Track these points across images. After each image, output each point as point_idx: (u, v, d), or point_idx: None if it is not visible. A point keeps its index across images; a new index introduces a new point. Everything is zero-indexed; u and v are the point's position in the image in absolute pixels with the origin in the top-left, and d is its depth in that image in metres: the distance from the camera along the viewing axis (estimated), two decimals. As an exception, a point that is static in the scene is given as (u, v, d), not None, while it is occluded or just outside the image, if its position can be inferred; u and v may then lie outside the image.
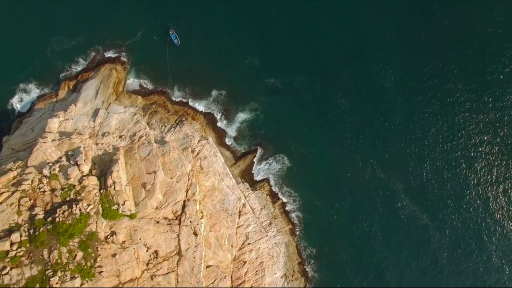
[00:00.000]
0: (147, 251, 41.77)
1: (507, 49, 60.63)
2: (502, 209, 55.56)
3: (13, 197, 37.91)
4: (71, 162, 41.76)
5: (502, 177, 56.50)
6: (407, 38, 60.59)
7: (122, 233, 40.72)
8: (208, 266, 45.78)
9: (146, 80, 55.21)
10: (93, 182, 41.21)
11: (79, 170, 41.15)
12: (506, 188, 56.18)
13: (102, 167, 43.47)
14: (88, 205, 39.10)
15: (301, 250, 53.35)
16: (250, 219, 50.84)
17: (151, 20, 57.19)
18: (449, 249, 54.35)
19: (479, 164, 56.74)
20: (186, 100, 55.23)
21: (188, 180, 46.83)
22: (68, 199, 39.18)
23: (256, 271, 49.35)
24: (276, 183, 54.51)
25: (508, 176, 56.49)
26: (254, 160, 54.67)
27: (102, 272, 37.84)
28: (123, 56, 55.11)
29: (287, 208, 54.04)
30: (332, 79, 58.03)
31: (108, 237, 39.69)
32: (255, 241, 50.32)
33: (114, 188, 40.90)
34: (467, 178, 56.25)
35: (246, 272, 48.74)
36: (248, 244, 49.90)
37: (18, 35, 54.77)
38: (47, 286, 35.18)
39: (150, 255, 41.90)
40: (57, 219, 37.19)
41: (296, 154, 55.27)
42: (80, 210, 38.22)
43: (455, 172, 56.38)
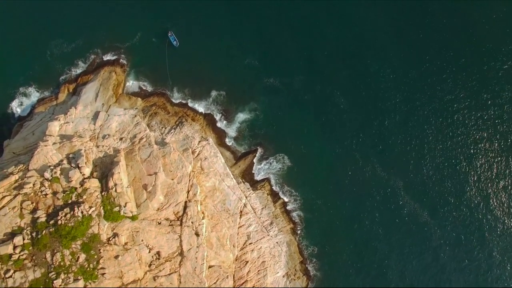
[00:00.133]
0: (149, 252, 41.90)
1: (505, 46, 60.86)
2: (503, 206, 55.71)
3: (15, 201, 38.05)
4: (72, 165, 41.89)
5: (502, 173, 56.70)
6: (406, 37, 60.75)
7: (124, 235, 40.85)
8: (210, 266, 45.94)
9: (146, 82, 55.30)
10: (95, 185, 41.34)
11: (81, 173, 41.29)
12: (507, 184, 56.34)
13: (103, 170, 43.61)
14: (90, 208, 39.23)
15: (303, 249, 53.44)
16: (251, 219, 50.98)
17: (150, 22, 57.27)
18: (451, 246, 54.49)
19: (479, 161, 56.92)
20: (186, 101, 55.34)
21: (189, 181, 46.96)
22: (70, 202, 39.30)
23: (258, 271, 49.50)
24: (277, 183, 54.62)
25: (508, 173, 56.65)
26: (255, 160, 54.80)
27: (105, 274, 37.95)
28: (122, 59, 55.19)
29: (288, 208, 54.15)
30: (331, 79, 58.12)
31: (110, 239, 39.82)
32: (257, 241, 50.47)
33: (116, 190, 41.02)
34: (467, 175, 56.42)
35: (248, 272, 48.90)
36: (250, 244, 50.05)
37: (17, 39, 54.82)
38: (51, 289, 35.37)
39: (153, 256, 42.03)
40: (59, 222, 37.33)
41: (296, 154, 55.35)
42: (82, 213, 38.37)
43: (455, 169, 56.55)
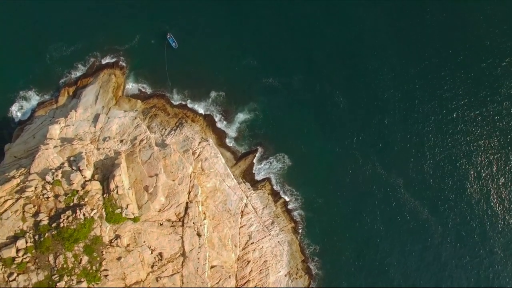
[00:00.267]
0: (152, 254, 42.10)
1: (502, 44, 60.90)
2: (503, 202, 55.79)
3: (17, 204, 38.26)
4: (74, 168, 42.07)
5: (502, 170, 56.79)
6: (404, 36, 60.74)
7: (126, 236, 41.04)
8: (213, 267, 46.10)
9: (145, 84, 55.35)
10: (96, 187, 41.51)
11: (82, 175, 41.45)
12: (507, 181, 56.41)
13: (104, 172, 43.78)
14: (92, 210, 39.42)
15: (304, 248, 53.60)
16: (253, 219, 51.13)
17: (148, 25, 57.25)
18: (452, 243, 54.63)
19: (479, 158, 56.99)
20: (185, 103, 55.40)
21: (190, 182, 47.11)
22: (72, 204, 39.48)
23: (260, 270, 49.65)
24: (278, 182, 54.74)
25: (509, 169, 56.76)
26: (255, 160, 54.92)
27: (108, 276, 38.20)
28: (122, 61, 55.22)
29: (289, 207, 54.28)
30: (331, 78, 58.16)
31: (113, 241, 39.99)
32: (258, 240, 50.63)
33: (117, 192, 41.21)
34: (468, 172, 56.50)
35: (250, 271, 49.06)
36: (252, 244, 50.21)
37: (17, 43, 54.83)
38: (54, 291, 35.57)
39: (155, 257, 42.20)
40: (62, 225, 37.54)
41: (297, 153, 55.45)
42: (84, 215, 38.54)
43: (455, 166, 56.61)
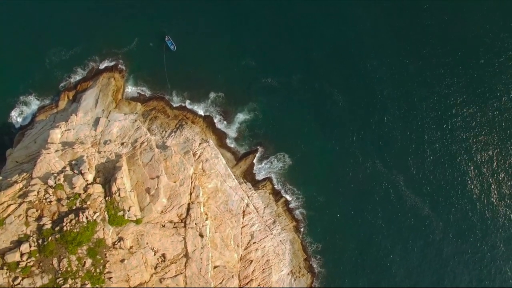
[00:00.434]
0: (155, 255, 42.33)
1: (500, 40, 61.08)
2: (505, 197, 55.91)
3: (20, 209, 38.53)
4: (75, 171, 42.30)
5: (503, 165, 56.94)
6: (402, 34, 60.93)
7: (129, 239, 41.27)
8: (216, 267, 46.32)
9: (145, 87, 55.60)
10: (98, 190, 41.75)
11: (84, 179, 41.67)
12: (507, 176, 56.55)
13: (106, 175, 44.00)
14: (94, 213, 39.67)
15: (306, 246, 53.75)
16: (254, 218, 51.35)
17: (147, 27, 57.48)
18: (454, 239, 54.75)
19: (479, 153, 57.14)
20: (185, 104, 55.65)
21: (191, 183, 47.32)
22: (75, 208, 39.73)
23: (263, 269, 49.87)
24: (279, 181, 54.90)
25: (509, 164, 56.91)
26: (255, 160, 55.11)
27: (112, 278, 38.42)
28: (121, 64, 55.49)
29: (291, 206, 54.43)
30: (330, 77, 58.34)
31: (116, 243, 40.25)
32: (260, 240, 50.82)
33: (119, 195, 41.41)
34: (468, 167, 56.63)
35: (253, 271, 49.28)
36: (254, 243, 50.40)
37: (16, 48, 55.09)
38: (59, 294, 35.83)
39: (158, 259, 42.44)
40: (65, 228, 37.79)
41: (297, 152, 55.65)
42: (87, 218, 38.81)
43: (456, 162, 56.78)
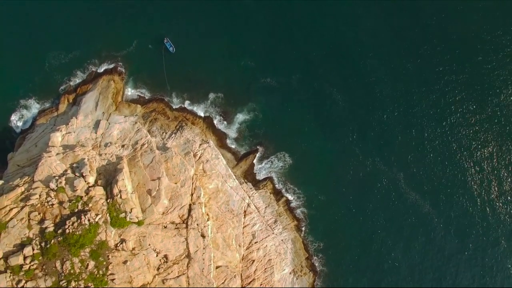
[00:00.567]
0: (157, 256, 42.50)
1: (497, 37, 61.18)
2: (505, 193, 56.02)
3: (23, 212, 38.70)
4: (77, 174, 42.50)
5: (503, 161, 57.05)
6: (401, 33, 60.98)
7: (132, 240, 41.44)
8: (218, 267, 46.49)
9: (144, 89, 55.70)
10: (100, 192, 41.93)
11: (85, 182, 41.87)
12: (508, 172, 56.65)
13: (107, 177, 44.19)
14: (96, 215, 39.82)
15: (308, 245, 53.84)
16: (256, 218, 51.49)
17: (145, 30, 57.53)
18: (456, 236, 54.80)
19: (480, 150, 57.24)
20: (185, 106, 55.78)
21: (192, 184, 47.49)
22: (77, 211, 39.92)
23: (265, 269, 50.04)
24: (279, 181, 55.01)
25: (509, 160, 57.01)
26: (256, 160, 55.21)
27: (115, 280, 38.57)
28: (120, 67, 55.56)
29: (292, 205, 54.54)
30: (329, 76, 58.41)
31: (118, 245, 40.42)
32: (262, 239, 50.98)
33: (121, 197, 41.62)
34: (468, 164, 56.72)
35: (255, 270, 49.44)
36: (255, 243, 50.56)
37: (16, 52, 55.17)
38: (62, 297, 36.00)
39: (160, 260, 42.62)
40: (67, 231, 37.98)
41: (297, 151, 55.75)
42: (89, 220, 38.97)
43: (456, 159, 56.85)
